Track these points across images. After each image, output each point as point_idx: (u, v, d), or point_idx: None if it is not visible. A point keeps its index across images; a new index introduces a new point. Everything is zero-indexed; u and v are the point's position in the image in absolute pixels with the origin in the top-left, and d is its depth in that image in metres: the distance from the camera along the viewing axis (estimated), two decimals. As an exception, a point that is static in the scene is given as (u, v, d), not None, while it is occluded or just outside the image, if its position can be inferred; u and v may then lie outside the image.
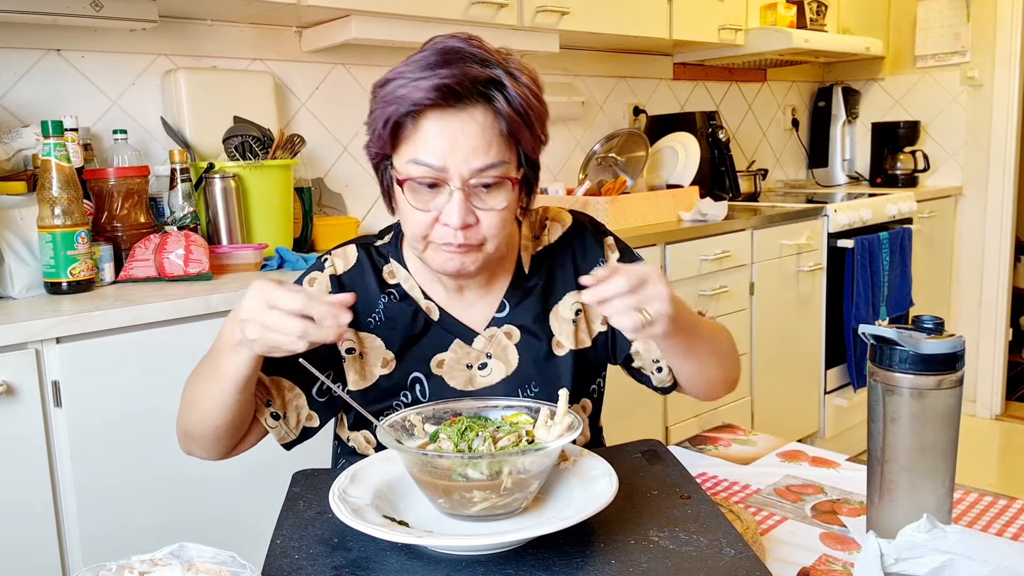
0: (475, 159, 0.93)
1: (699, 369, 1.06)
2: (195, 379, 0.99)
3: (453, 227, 0.94)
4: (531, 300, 1.10)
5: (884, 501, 0.83)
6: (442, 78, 0.91)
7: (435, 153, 0.93)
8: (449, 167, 0.93)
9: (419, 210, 0.96)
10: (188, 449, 1.04)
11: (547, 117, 1.00)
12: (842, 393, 3.21)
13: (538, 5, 2.39)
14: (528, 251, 1.12)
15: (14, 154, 1.77)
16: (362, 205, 2.52)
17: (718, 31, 3.01)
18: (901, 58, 3.92)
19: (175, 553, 0.64)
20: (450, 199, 0.93)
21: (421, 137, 0.94)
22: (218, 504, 1.63)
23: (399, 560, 0.71)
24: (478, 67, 0.93)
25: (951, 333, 0.80)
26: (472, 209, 0.95)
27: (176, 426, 1.03)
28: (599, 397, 1.16)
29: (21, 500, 1.42)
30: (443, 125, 0.93)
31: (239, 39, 2.23)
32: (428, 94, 0.91)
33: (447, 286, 1.08)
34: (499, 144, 0.94)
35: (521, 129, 0.95)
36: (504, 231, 0.98)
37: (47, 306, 1.52)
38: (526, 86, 0.96)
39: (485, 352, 1.08)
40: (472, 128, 0.93)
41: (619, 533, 0.74)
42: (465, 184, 0.93)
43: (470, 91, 0.92)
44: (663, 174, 3.02)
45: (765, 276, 2.81)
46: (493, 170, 0.94)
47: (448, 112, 0.93)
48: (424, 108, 0.93)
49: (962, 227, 3.81)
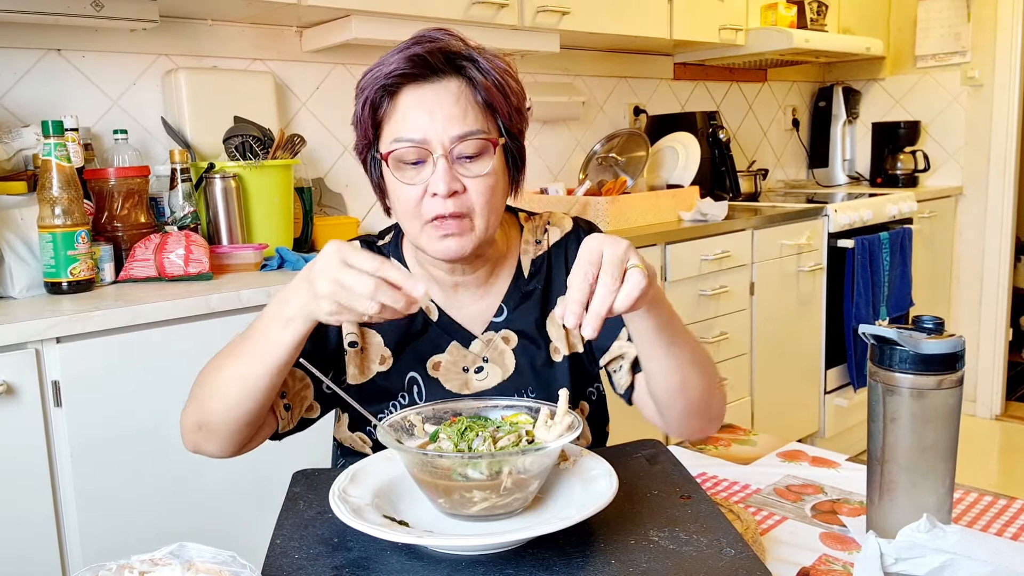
0: (452, 127, 0.95)
1: (678, 370, 0.94)
2: (219, 365, 0.95)
3: (441, 195, 0.95)
4: (529, 305, 1.09)
5: (884, 501, 0.83)
6: (414, 51, 0.95)
7: (414, 127, 0.95)
8: (430, 138, 0.95)
9: (407, 184, 0.97)
10: (197, 445, 0.99)
11: (524, 99, 1.03)
12: (842, 393, 3.21)
13: (538, 5, 2.39)
14: (528, 255, 1.12)
15: (14, 154, 1.77)
16: (362, 205, 2.52)
17: (718, 31, 3.01)
18: (901, 58, 3.92)
19: (175, 553, 0.64)
20: (435, 168, 0.95)
21: (399, 114, 0.97)
22: (218, 504, 1.63)
23: (399, 560, 0.71)
24: (449, 45, 0.97)
25: (951, 333, 0.80)
26: (457, 176, 0.96)
27: (183, 421, 0.99)
28: (598, 399, 1.15)
29: (21, 500, 1.42)
30: (419, 97, 0.96)
31: (239, 39, 2.23)
32: (400, 64, 0.95)
33: (442, 283, 1.07)
34: (475, 112, 0.97)
35: (497, 98, 0.98)
36: (493, 203, 0.99)
37: (47, 306, 1.52)
38: (499, 66, 0.99)
39: (482, 356, 1.07)
40: (447, 98, 0.96)
41: (619, 533, 0.74)
42: (447, 152, 0.95)
43: (443, 63, 0.96)
44: (663, 174, 3.02)
45: (765, 276, 2.81)
46: (472, 137, 0.96)
47: (423, 85, 0.96)
48: (399, 83, 0.96)
49: (962, 227, 3.81)
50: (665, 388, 0.96)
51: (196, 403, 0.97)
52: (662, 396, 0.97)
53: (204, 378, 0.97)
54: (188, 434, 0.98)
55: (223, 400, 0.93)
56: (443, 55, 0.96)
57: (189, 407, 0.98)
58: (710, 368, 0.99)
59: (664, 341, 0.91)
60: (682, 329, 0.95)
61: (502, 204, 1.03)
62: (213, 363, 0.97)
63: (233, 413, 0.93)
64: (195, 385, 0.98)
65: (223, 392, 0.93)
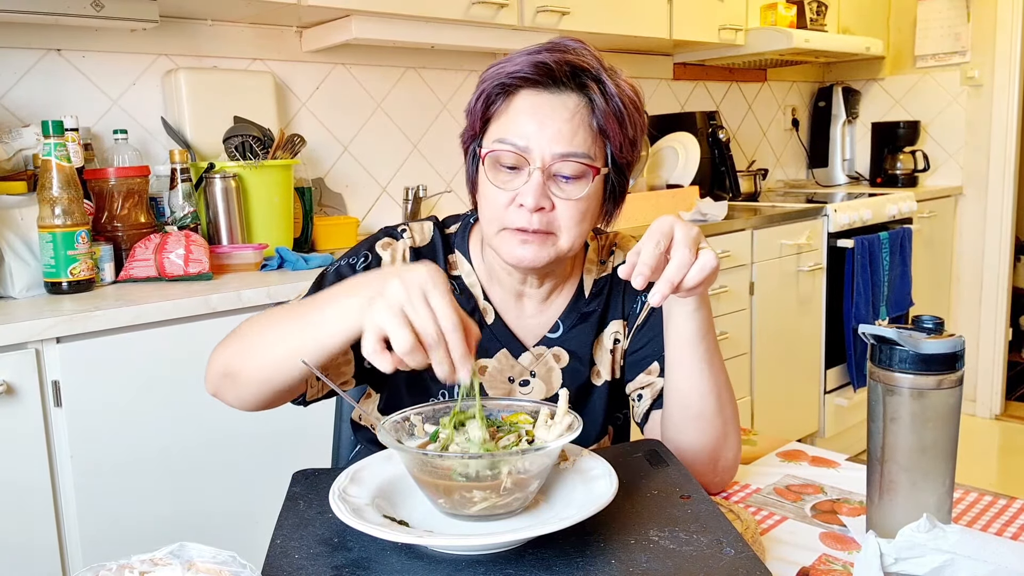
0: (558, 144, 0.92)
1: (712, 383, 0.94)
2: (274, 324, 0.88)
3: (528, 208, 0.93)
4: (586, 326, 1.07)
5: (884, 501, 0.83)
6: (542, 58, 0.93)
7: (520, 132, 0.93)
8: (532, 147, 0.92)
9: (498, 188, 0.95)
10: (219, 389, 0.93)
11: (644, 131, 0.99)
12: (842, 393, 3.21)
13: (538, 5, 2.39)
14: (591, 274, 1.09)
15: (15, 154, 1.77)
16: (362, 205, 2.53)
17: (718, 31, 3.01)
18: (901, 58, 3.92)
19: (175, 553, 0.64)
20: (528, 180, 0.93)
21: (510, 115, 0.95)
22: (218, 504, 1.63)
23: (399, 560, 0.71)
24: (581, 58, 0.93)
25: (951, 333, 0.80)
26: (548, 194, 0.94)
27: (213, 361, 0.93)
28: (623, 423, 1.15)
29: (21, 500, 1.42)
30: (534, 104, 0.93)
31: (240, 39, 2.23)
32: (524, 67, 0.93)
33: (507, 288, 1.05)
34: (586, 135, 0.94)
35: (612, 126, 0.94)
36: (579, 228, 0.96)
37: (47, 306, 1.52)
38: (626, 92, 0.95)
39: (530, 370, 1.05)
40: (562, 112, 0.93)
41: (619, 533, 0.74)
42: (545, 167, 0.93)
43: (567, 76, 0.93)
44: (663, 174, 3.02)
45: (765, 276, 2.81)
46: (575, 159, 0.93)
47: (541, 92, 0.94)
48: (518, 84, 0.94)
49: (962, 227, 3.81)
50: (682, 413, 0.95)
51: (233, 350, 0.91)
52: (677, 422, 0.96)
53: (251, 329, 0.91)
54: (213, 376, 0.93)
55: (262, 360, 0.88)
56: (570, 68, 0.93)
57: (224, 350, 0.92)
58: (732, 409, 0.98)
59: (700, 352, 0.92)
60: (717, 353, 0.95)
61: (588, 230, 0.99)
62: (267, 319, 0.90)
63: (269, 376, 0.88)
64: (239, 332, 0.93)
65: (266, 354, 0.87)
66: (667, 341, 0.95)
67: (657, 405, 1.03)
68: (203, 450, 1.60)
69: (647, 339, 1.05)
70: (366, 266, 1.04)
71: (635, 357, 1.06)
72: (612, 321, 1.08)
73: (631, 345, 1.07)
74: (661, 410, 1.01)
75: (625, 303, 1.09)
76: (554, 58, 0.93)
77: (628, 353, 1.08)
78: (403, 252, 1.05)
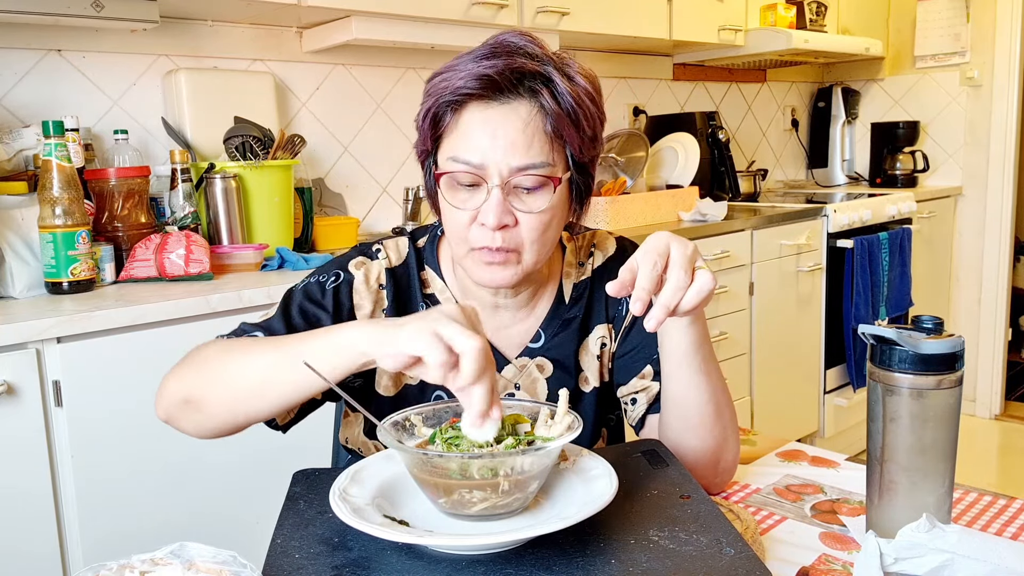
0: (514, 157, 0.89)
1: (698, 401, 0.93)
2: (248, 352, 0.85)
3: (490, 227, 0.90)
4: (568, 333, 1.05)
5: (884, 501, 0.83)
6: (485, 68, 0.88)
7: (473, 149, 0.89)
8: (488, 164, 0.89)
9: (457, 208, 0.92)
10: (173, 417, 0.88)
11: (603, 122, 0.96)
12: (842, 393, 3.21)
13: (538, 6, 2.39)
14: (571, 279, 1.07)
15: (15, 154, 1.77)
16: (362, 205, 2.53)
17: (718, 31, 3.01)
18: (901, 58, 3.92)
19: (175, 552, 0.64)
20: (488, 197, 0.90)
21: (460, 131, 0.91)
22: (218, 504, 1.63)
23: (399, 560, 0.71)
24: (528, 61, 0.89)
25: (951, 333, 0.80)
26: (510, 209, 0.91)
27: (166, 387, 0.89)
28: (616, 424, 1.14)
29: (22, 500, 1.42)
30: (483, 118, 0.90)
31: (240, 39, 2.23)
32: (468, 82, 0.88)
33: (482, 301, 1.02)
34: (542, 143, 0.90)
35: (568, 128, 0.91)
36: (545, 238, 0.94)
37: (48, 306, 1.52)
38: (580, 86, 0.92)
39: (514, 382, 1.04)
40: (514, 123, 0.89)
41: (619, 533, 0.74)
42: (504, 183, 0.89)
43: (514, 84, 0.89)
44: (663, 174, 3.02)
45: (765, 276, 2.82)
46: (534, 170, 0.90)
47: (490, 105, 0.90)
48: (464, 99, 0.90)
49: (962, 227, 3.81)
50: (682, 423, 0.94)
51: (194, 376, 0.87)
52: (676, 430, 0.95)
53: (219, 355, 0.87)
54: (168, 403, 0.89)
55: (232, 390, 0.84)
56: (516, 76, 0.89)
57: (182, 377, 0.88)
58: (730, 412, 0.97)
59: (697, 363, 0.91)
60: (713, 359, 0.94)
61: (555, 238, 0.97)
62: (237, 346, 0.87)
63: (239, 407, 0.84)
64: (201, 357, 0.89)
65: (238, 383, 0.84)
66: (662, 354, 0.94)
67: (653, 409, 1.01)
68: (204, 450, 1.60)
69: (636, 341, 1.03)
70: (336, 285, 1.01)
71: (625, 360, 1.04)
72: (597, 326, 1.06)
73: (620, 348, 1.05)
74: (658, 414, 0.99)
75: (609, 306, 1.07)
76: (498, 67, 0.88)
77: (617, 356, 1.06)
78: (378, 274, 1.03)
